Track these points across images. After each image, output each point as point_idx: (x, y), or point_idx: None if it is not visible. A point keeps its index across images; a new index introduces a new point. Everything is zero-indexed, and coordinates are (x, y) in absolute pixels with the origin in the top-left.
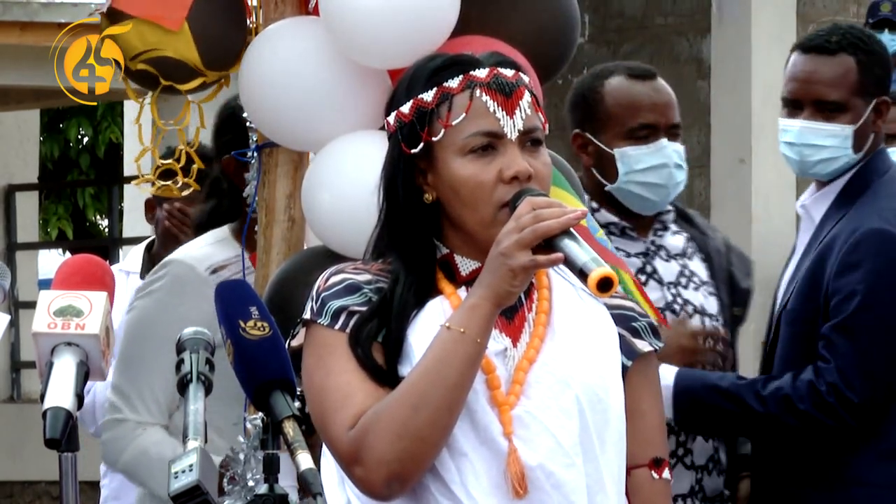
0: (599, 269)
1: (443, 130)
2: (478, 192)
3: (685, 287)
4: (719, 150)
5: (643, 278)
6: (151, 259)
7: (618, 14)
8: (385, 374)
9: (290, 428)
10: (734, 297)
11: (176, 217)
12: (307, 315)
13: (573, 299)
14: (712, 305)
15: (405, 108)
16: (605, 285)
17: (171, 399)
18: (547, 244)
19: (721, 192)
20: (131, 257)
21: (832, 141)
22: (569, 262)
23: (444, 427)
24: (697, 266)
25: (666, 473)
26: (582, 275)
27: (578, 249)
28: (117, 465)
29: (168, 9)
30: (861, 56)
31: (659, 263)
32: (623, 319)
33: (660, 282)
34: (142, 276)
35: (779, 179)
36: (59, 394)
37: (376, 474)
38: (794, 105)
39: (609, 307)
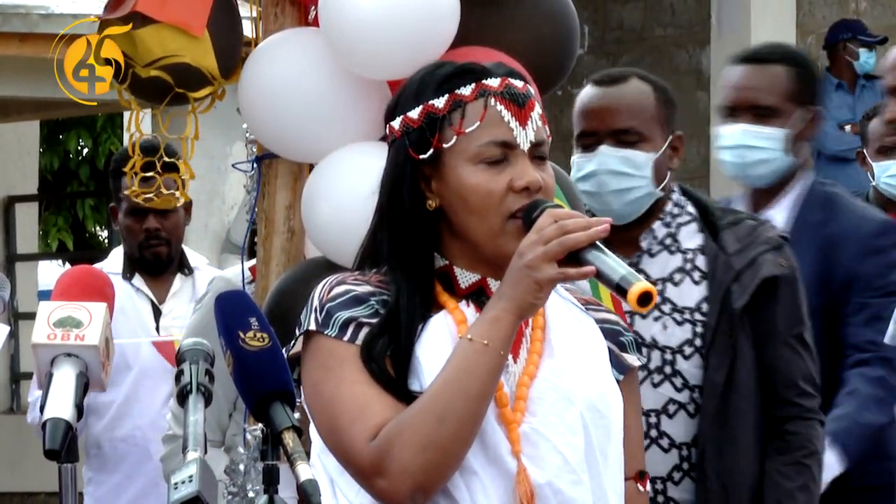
0: (639, 284)
1: (455, 137)
2: (487, 201)
3: (644, 317)
4: (718, 161)
5: None
6: (131, 262)
7: (617, 25)
8: (399, 388)
9: (290, 439)
10: (724, 318)
11: (151, 247)
12: (311, 326)
13: (566, 314)
14: (675, 336)
15: (413, 114)
16: (645, 299)
17: (221, 413)
18: (572, 257)
19: None
20: (112, 259)
21: (767, 143)
22: (601, 276)
23: (467, 438)
24: (681, 291)
25: (648, 486)
26: (619, 289)
27: (612, 263)
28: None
29: (191, 15)
30: (793, 66)
31: None
32: (611, 333)
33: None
34: (123, 277)
35: None
36: (59, 405)
37: (402, 485)
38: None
39: (597, 321)
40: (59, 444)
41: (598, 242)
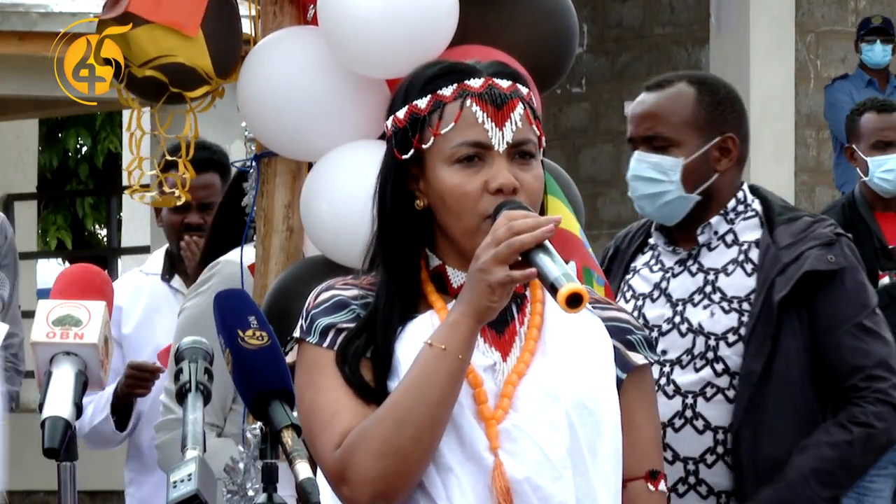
0: (569, 285)
1: (432, 138)
2: (462, 202)
3: (695, 304)
4: None
5: (656, 294)
6: (172, 261)
7: (616, 24)
8: (372, 391)
9: (289, 437)
10: (765, 309)
11: (191, 250)
12: (297, 333)
13: (566, 313)
14: (720, 323)
15: (400, 114)
16: (574, 301)
17: (225, 398)
18: (524, 258)
19: None
20: (152, 260)
21: None
22: (541, 276)
23: (427, 444)
24: (732, 282)
25: (662, 486)
26: (553, 289)
27: (551, 264)
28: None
29: (185, 15)
30: None
31: (678, 279)
32: (618, 332)
33: (669, 298)
34: (162, 278)
35: (777, 189)
36: (58, 403)
37: (361, 493)
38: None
39: (604, 319)
40: (58, 443)
41: (547, 244)
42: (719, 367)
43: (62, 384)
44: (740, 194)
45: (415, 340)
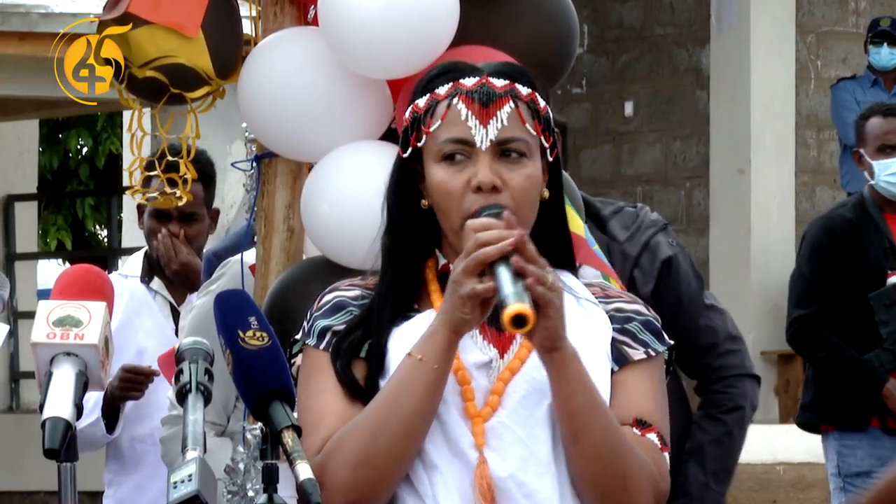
0: (514, 306)
1: (425, 136)
2: (448, 200)
3: None
4: (718, 160)
5: None
6: (150, 264)
7: (617, 24)
8: (362, 390)
9: (290, 438)
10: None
11: (165, 247)
12: (298, 335)
13: (572, 307)
14: None
15: (407, 114)
16: (518, 322)
17: (227, 396)
18: (490, 270)
19: (720, 202)
20: (131, 262)
21: None
22: (497, 291)
23: (402, 454)
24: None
25: (652, 436)
26: (501, 307)
27: (505, 280)
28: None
29: (185, 15)
30: None
31: None
32: (620, 321)
33: None
34: (142, 280)
35: (778, 190)
36: (58, 404)
37: (335, 500)
38: None
39: (607, 312)
40: (58, 443)
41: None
42: None
43: (62, 385)
44: None
45: (409, 339)
